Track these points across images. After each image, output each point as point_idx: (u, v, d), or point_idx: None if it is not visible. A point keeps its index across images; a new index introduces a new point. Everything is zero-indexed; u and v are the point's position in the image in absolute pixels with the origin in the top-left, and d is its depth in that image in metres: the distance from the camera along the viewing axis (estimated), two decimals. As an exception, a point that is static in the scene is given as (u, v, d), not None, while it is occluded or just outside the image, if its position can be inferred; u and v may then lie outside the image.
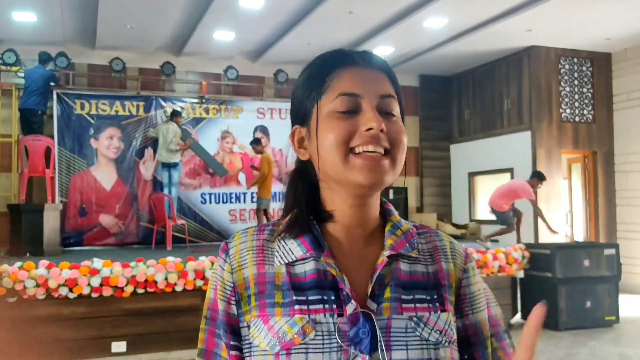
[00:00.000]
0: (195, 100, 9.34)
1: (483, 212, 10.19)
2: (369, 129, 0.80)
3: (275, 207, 8.60)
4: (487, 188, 10.18)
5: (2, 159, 8.41)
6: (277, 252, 0.84)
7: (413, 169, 10.88)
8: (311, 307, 0.80)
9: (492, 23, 7.92)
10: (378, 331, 0.78)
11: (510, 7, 7.46)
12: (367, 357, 0.77)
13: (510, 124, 9.45)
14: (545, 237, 8.51)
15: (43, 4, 7.20)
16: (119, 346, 5.35)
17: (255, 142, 8.43)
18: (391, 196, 9.81)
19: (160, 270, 5.42)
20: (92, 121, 8.69)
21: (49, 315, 5.16)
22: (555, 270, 6.56)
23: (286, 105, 9.83)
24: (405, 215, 9.80)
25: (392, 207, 0.91)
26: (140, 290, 5.38)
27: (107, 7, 7.20)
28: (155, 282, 5.40)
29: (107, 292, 5.27)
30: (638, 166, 8.86)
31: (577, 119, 9.18)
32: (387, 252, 0.83)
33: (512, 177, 9.35)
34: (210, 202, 9.34)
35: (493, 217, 9.82)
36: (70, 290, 5.14)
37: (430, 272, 0.86)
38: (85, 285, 5.17)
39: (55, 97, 8.40)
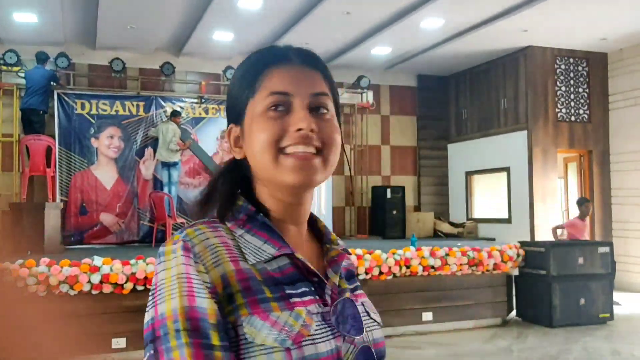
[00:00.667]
0: (195, 100, 9.43)
1: (479, 211, 10.28)
2: (299, 129, 0.80)
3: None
4: (483, 187, 10.27)
5: (4, 158, 8.50)
6: (245, 249, 0.81)
7: (411, 168, 10.96)
8: (304, 298, 0.80)
9: (489, 23, 8.00)
10: (360, 314, 0.85)
11: (507, 7, 7.54)
12: (360, 338, 0.82)
13: (507, 124, 9.53)
14: (541, 235, 8.60)
15: (44, 5, 7.28)
16: (118, 342, 5.44)
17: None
18: (389, 195, 9.90)
19: (159, 267, 5.50)
20: (93, 121, 8.78)
21: (49, 312, 5.23)
22: (549, 268, 6.64)
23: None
24: (403, 214, 9.89)
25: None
26: (140, 287, 5.46)
27: (107, 7, 7.29)
28: (155, 280, 5.49)
29: (107, 289, 5.35)
30: (633, 165, 8.95)
31: (573, 118, 9.26)
32: (339, 247, 0.91)
33: (508, 177, 9.43)
34: (210, 201, 9.41)
35: (489, 216, 9.92)
36: (71, 287, 5.23)
37: (351, 264, 0.95)
38: (86, 283, 5.26)
39: (56, 97, 8.49)
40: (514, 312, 7.05)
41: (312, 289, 0.81)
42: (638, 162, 8.87)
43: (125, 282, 5.38)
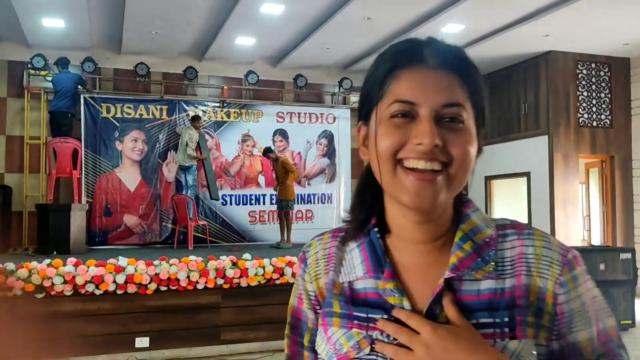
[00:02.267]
0: (217, 104, 9.56)
1: (499, 214, 10.22)
2: (419, 144, 0.73)
3: (301, 209, 8.77)
4: (503, 192, 10.23)
5: (31, 160, 8.70)
6: (344, 263, 0.82)
7: (430, 172, 10.96)
8: (370, 324, 0.77)
9: (510, 29, 8.00)
10: None
11: (528, 12, 7.53)
12: None
13: (528, 128, 9.50)
14: (562, 241, 8.53)
15: (72, 11, 7.46)
16: (142, 341, 5.55)
17: (266, 152, 8.50)
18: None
19: (182, 268, 5.62)
20: (117, 124, 8.96)
21: (75, 311, 5.39)
22: (570, 274, 6.61)
23: (305, 110, 10.02)
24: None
25: (470, 209, 0.80)
26: (163, 288, 5.58)
27: (133, 14, 7.44)
28: (178, 280, 5.60)
29: (131, 289, 5.48)
30: (656, 171, 8.86)
31: (594, 123, 9.20)
32: (447, 274, 0.74)
33: (528, 182, 9.39)
34: (231, 203, 9.54)
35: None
36: (97, 287, 5.36)
37: (506, 289, 0.74)
38: (111, 282, 5.39)
39: (82, 100, 8.68)
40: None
41: (392, 318, 0.75)
42: (661, 168, 8.78)
43: (149, 283, 5.50)
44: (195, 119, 8.73)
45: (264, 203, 9.65)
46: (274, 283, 5.95)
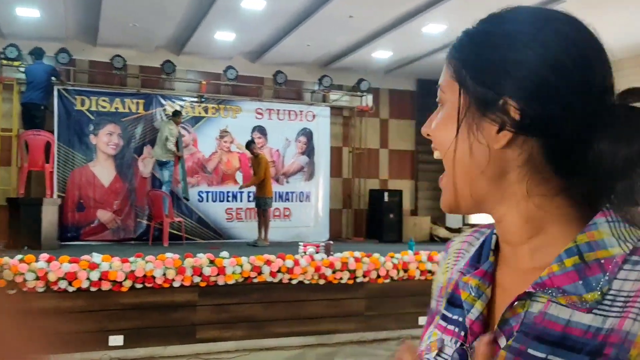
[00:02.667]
0: (195, 99, 9.44)
1: (476, 216, 10.32)
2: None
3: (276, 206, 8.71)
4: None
5: (2, 152, 8.47)
6: (463, 256, 0.77)
7: (408, 172, 11.00)
8: (448, 326, 0.71)
9: (490, 30, 8.05)
10: None
11: (508, 15, 7.59)
12: None
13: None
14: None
15: (47, 0, 7.27)
16: (116, 340, 5.44)
17: (248, 144, 8.48)
18: (386, 199, 9.93)
19: (158, 266, 5.52)
20: (92, 117, 8.77)
21: (48, 308, 5.25)
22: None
23: (284, 107, 9.95)
24: (399, 218, 9.92)
25: (604, 218, 0.61)
26: (138, 285, 5.47)
27: (110, 5, 7.28)
28: (154, 278, 5.50)
29: (105, 286, 5.36)
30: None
31: (570, 126, 9.33)
32: (529, 287, 0.61)
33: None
34: (208, 200, 9.43)
35: (485, 221, 9.94)
36: (70, 283, 5.23)
37: (603, 329, 0.56)
38: (85, 279, 5.26)
39: (56, 93, 8.47)
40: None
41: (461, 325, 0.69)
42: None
43: (124, 280, 5.38)
44: (176, 114, 8.60)
45: (241, 200, 9.56)
46: (252, 282, 5.89)
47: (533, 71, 0.62)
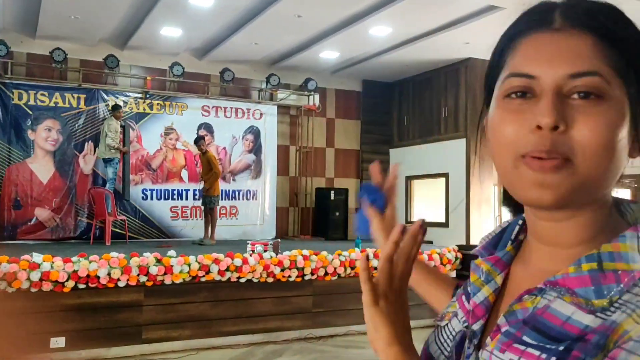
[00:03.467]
0: (139, 95, 9.24)
1: (419, 214, 10.60)
2: (538, 127, 0.58)
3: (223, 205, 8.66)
4: (423, 192, 10.60)
5: None
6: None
7: (354, 171, 11.16)
8: (466, 302, 0.73)
9: (433, 34, 8.28)
10: None
11: (451, 20, 7.83)
12: None
13: (447, 131, 9.88)
14: (476, 240, 8.97)
15: (-18, -11, 6.96)
16: (57, 342, 5.29)
17: (197, 141, 8.41)
18: (332, 197, 10.05)
19: (103, 265, 5.40)
20: (30, 112, 8.45)
21: (-16, 310, 5.03)
22: (485, 271, 6.95)
23: (231, 104, 9.90)
24: (345, 216, 10.06)
25: (633, 232, 0.59)
26: (81, 286, 5.34)
27: (51, -4, 7.05)
28: (98, 278, 5.38)
29: (46, 287, 5.20)
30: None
31: (508, 128, 9.71)
32: (541, 283, 0.61)
33: (447, 182, 9.78)
34: (152, 198, 9.26)
35: (427, 220, 10.23)
36: (9, 284, 5.05)
37: (589, 326, 0.57)
38: (25, 280, 5.09)
39: (-9, 85, 8.12)
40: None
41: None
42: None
43: (67, 280, 5.24)
44: (115, 108, 8.41)
45: (187, 198, 9.45)
46: (199, 281, 5.85)
47: None
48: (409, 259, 0.69)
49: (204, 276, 5.84)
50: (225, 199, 9.46)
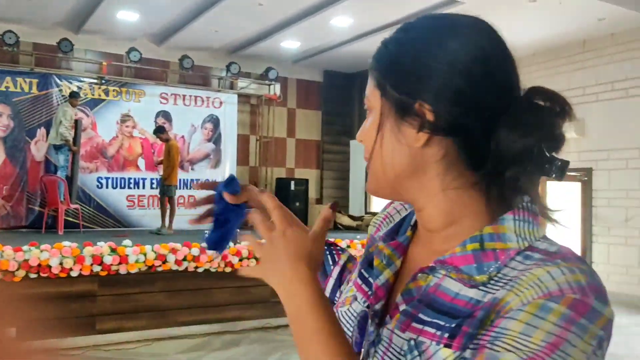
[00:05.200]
0: (95, 81, 9.01)
1: (377, 205, 10.71)
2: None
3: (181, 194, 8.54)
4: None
5: None
6: (389, 222, 0.88)
7: (314, 161, 11.17)
8: (363, 285, 0.79)
9: (394, 26, 8.31)
10: (377, 345, 0.71)
11: (412, 13, 7.89)
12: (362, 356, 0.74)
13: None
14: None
15: None
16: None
17: (159, 131, 8.26)
18: (292, 187, 10.05)
19: (55, 255, 5.26)
20: (-21, 96, 8.14)
21: None
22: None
23: (190, 92, 9.76)
24: (305, 206, 10.07)
25: (513, 216, 0.67)
26: (32, 275, 5.19)
27: (1, -25, 6.78)
28: (50, 267, 5.23)
29: (-5, 276, 5.04)
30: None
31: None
32: (432, 262, 0.69)
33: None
34: (107, 186, 9.07)
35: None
36: (-46, 274, 4.87)
37: (482, 302, 0.63)
38: (-28, 269, 4.92)
39: (-64, 67, 7.78)
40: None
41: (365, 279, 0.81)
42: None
43: (17, 270, 5.08)
44: (73, 95, 8.16)
45: (143, 187, 9.29)
46: (156, 270, 5.77)
47: (442, 76, 0.67)
48: (323, 240, 0.76)
49: (160, 266, 5.75)
50: (183, 188, 9.34)
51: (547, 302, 0.58)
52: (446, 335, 0.63)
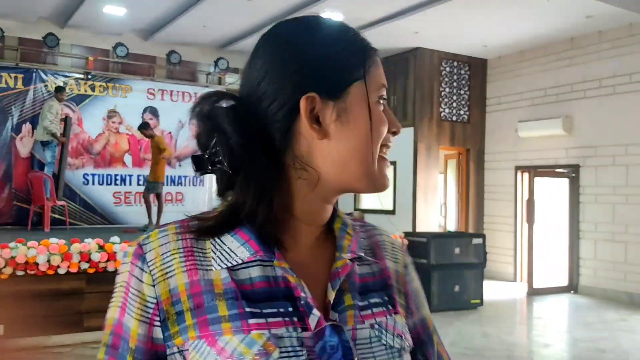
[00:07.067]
0: (81, 76, 8.90)
1: (367, 201, 10.72)
2: (394, 132, 0.74)
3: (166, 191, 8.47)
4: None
5: None
6: (213, 253, 0.67)
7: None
8: (269, 320, 0.64)
9: (383, 23, 8.34)
10: (351, 343, 0.66)
11: (400, 9, 7.90)
12: None
13: (396, 119, 9.99)
14: (422, 227, 9.15)
15: None
16: (-7, 331, 5.06)
17: (144, 127, 8.17)
18: (281, 184, 10.02)
19: (42, 252, 5.19)
20: (-37, 91, 8.01)
21: None
22: (430, 257, 7.09)
23: (178, 88, 9.67)
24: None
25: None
26: (19, 272, 5.12)
27: (-15, -32, 6.67)
28: (37, 264, 5.17)
29: (-19, 274, 4.96)
30: (504, 164, 9.79)
31: (454, 118, 9.93)
32: (347, 255, 0.71)
33: (395, 170, 9.92)
34: (94, 183, 8.98)
35: (375, 207, 10.36)
36: (-61, 271, 4.79)
37: (377, 272, 0.76)
38: (-43, 267, 4.84)
39: None
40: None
41: (290, 309, 0.65)
42: (507, 162, 9.72)
43: (4, 267, 5.01)
44: (58, 90, 8.06)
45: (130, 184, 9.20)
46: (145, 267, 5.72)
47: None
48: None
49: (149, 263, 5.71)
50: (170, 185, 9.27)
51: (409, 258, 0.83)
52: (390, 307, 0.74)
